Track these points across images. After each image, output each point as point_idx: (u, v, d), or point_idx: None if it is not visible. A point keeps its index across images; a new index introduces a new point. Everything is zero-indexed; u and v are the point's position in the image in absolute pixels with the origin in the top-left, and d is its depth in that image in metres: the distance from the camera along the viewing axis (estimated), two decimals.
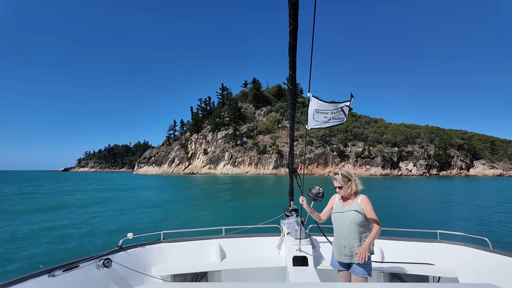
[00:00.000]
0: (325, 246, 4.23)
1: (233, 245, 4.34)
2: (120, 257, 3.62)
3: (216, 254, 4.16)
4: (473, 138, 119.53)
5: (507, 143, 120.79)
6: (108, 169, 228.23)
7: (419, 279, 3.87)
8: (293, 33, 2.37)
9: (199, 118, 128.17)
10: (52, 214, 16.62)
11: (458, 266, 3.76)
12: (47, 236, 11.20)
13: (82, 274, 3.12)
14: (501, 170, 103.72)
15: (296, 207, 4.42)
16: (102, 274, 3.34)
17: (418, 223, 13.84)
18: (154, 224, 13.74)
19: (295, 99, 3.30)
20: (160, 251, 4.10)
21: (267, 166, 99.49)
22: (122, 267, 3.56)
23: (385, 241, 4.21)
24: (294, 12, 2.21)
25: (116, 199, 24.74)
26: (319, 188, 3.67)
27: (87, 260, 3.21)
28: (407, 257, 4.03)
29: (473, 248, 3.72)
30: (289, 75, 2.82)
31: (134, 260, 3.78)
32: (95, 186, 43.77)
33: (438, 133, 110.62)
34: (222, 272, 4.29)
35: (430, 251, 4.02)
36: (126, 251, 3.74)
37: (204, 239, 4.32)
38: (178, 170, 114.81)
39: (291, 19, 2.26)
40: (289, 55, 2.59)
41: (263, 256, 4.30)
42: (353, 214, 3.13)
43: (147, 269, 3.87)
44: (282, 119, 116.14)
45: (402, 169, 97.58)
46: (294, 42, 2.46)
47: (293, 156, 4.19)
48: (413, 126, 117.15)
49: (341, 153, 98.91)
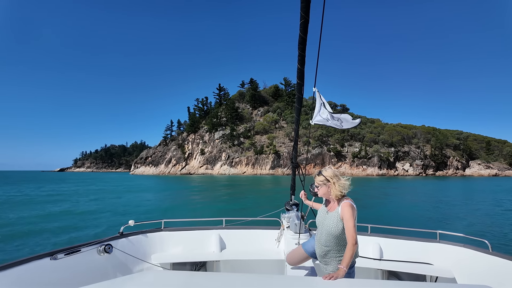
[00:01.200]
0: None
1: (233, 236, 4.39)
2: (121, 244, 3.67)
3: (216, 244, 4.23)
4: (468, 138, 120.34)
5: (502, 143, 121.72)
6: (104, 170, 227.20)
7: (417, 278, 3.89)
8: (304, 26, 2.36)
9: (196, 118, 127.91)
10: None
11: (456, 266, 3.76)
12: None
13: (83, 258, 3.21)
14: (497, 170, 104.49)
15: (297, 201, 4.45)
16: (102, 259, 3.41)
17: (418, 223, 13.89)
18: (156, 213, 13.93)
19: (302, 94, 3.26)
20: (161, 239, 4.14)
21: (264, 167, 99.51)
22: (123, 253, 3.61)
23: (384, 239, 4.22)
24: (306, 5, 2.22)
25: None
26: None
27: (88, 245, 3.28)
28: (406, 256, 4.04)
29: (472, 249, 3.70)
30: (298, 69, 2.81)
31: (135, 246, 3.82)
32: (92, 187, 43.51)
33: (434, 134, 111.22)
34: (221, 262, 4.35)
35: (429, 250, 4.02)
36: (127, 238, 3.79)
37: (205, 229, 4.37)
38: (175, 170, 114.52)
39: (302, 12, 2.26)
40: (298, 48, 2.57)
41: (262, 248, 4.36)
42: (331, 224, 2.66)
43: (147, 256, 3.92)
44: (279, 120, 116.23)
45: (399, 169, 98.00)
46: (304, 36, 2.44)
47: (296, 150, 4.22)
48: (409, 126, 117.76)
49: (338, 153, 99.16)
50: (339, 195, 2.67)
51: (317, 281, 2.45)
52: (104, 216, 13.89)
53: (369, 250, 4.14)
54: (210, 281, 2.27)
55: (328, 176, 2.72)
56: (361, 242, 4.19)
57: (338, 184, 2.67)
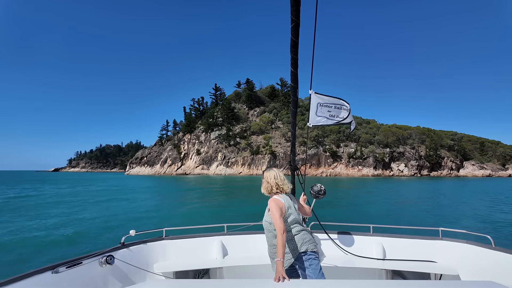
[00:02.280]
0: (326, 243, 4.26)
1: (235, 242, 4.36)
2: (122, 254, 3.63)
3: (218, 251, 4.20)
4: (463, 139, 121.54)
5: (495, 144, 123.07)
6: (99, 170, 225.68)
7: (421, 277, 3.88)
8: (295, 30, 2.37)
9: (192, 118, 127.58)
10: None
11: (460, 263, 3.75)
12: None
13: (86, 270, 3.16)
14: (490, 171, 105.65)
15: None
16: (104, 271, 3.37)
17: (420, 221, 13.97)
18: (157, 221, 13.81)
19: (297, 97, 3.28)
20: (163, 248, 4.12)
21: (260, 167, 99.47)
22: (125, 264, 3.57)
23: (386, 238, 4.20)
24: (296, 9, 2.23)
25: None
26: (321, 185, 3.70)
27: (90, 257, 3.23)
28: (409, 254, 4.03)
29: (475, 245, 3.69)
30: (291, 72, 2.81)
31: (137, 257, 3.80)
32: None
33: (429, 134, 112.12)
34: (224, 269, 4.33)
35: (432, 248, 4.01)
36: (128, 248, 3.76)
37: (206, 236, 4.34)
38: (170, 170, 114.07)
39: (293, 16, 2.27)
40: (291, 52, 2.58)
41: (265, 253, 4.34)
42: (264, 220, 2.95)
43: (149, 266, 3.89)
44: (276, 120, 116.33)
45: (394, 170, 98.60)
46: (296, 39, 2.46)
47: (294, 153, 4.21)
48: (404, 127, 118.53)
49: (334, 153, 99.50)
50: (265, 193, 3.00)
51: (323, 283, 2.43)
52: (99, 224, 13.60)
53: (372, 250, 4.14)
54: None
55: (265, 175, 3.04)
56: (364, 242, 4.21)
57: (265, 183, 2.99)
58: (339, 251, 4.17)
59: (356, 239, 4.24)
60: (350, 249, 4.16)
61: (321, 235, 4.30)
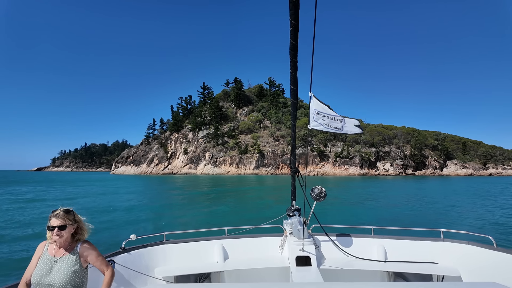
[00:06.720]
0: (328, 246, 4.23)
1: (236, 246, 4.34)
2: (123, 259, 3.60)
3: (219, 254, 4.17)
4: (446, 139, 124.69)
5: (477, 144, 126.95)
6: (84, 169, 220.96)
7: (423, 278, 3.89)
8: (294, 33, 2.42)
9: (179, 117, 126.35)
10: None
11: (462, 264, 3.75)
12: None
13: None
14: (472, 170, 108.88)
15: (298, 207, 4.47)
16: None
17: (419, 222, 14.09)
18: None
19: (296, 99, 3.31)
20: (163, 252, 4.10)
21: (248, 166, 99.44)
22: (125, 269, 3.54)
23: (388, 240, 4.20)
24: (295, 12, 2.28)
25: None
26: (322, 188, 3.70)
27: None
28: (411, 256, 4.03)
29: (477, 246, 3.70)
30: (291, 75, 2.86)
31: (137, 261, 3.77)
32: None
33: (414, 134, 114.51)
34: (225, 272, 4.33)
35: (434, 249, 4.02)
36: (129, 253, 3.74)
37: (207, 240, 4.32)
38: (157, 170, 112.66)
39: (292, 19, 2.32)
40: (290, 55, 2.62)
41: (266, 256, 4.32)
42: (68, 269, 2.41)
43: (150, 271, 3.86)
44: (264, 119, 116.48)
45: (380, 169, 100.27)
46: (295, 42, 2.50)
47: (294, 156, 4.21)
48: (390, 127, 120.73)
49: (321, 153, 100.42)
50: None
51: (324, 286, 2.40)
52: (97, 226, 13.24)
53: (373, 252, 4.10)
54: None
55: (77, 216, 2.55)
56: (365, 244, 4.20)
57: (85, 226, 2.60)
58: (341, 254, 4.15)
59: (357, 241, 4.23)
60: (352, 251, 4.14)
61: (322, 238, 4.28)
